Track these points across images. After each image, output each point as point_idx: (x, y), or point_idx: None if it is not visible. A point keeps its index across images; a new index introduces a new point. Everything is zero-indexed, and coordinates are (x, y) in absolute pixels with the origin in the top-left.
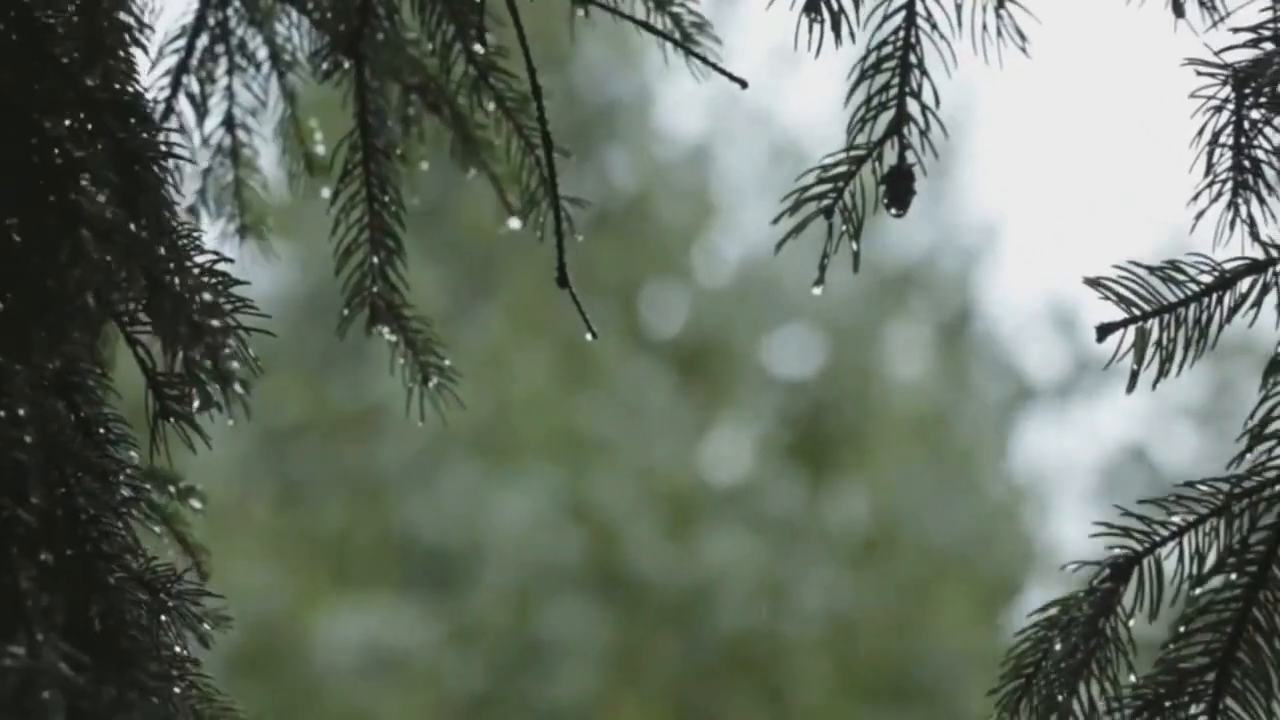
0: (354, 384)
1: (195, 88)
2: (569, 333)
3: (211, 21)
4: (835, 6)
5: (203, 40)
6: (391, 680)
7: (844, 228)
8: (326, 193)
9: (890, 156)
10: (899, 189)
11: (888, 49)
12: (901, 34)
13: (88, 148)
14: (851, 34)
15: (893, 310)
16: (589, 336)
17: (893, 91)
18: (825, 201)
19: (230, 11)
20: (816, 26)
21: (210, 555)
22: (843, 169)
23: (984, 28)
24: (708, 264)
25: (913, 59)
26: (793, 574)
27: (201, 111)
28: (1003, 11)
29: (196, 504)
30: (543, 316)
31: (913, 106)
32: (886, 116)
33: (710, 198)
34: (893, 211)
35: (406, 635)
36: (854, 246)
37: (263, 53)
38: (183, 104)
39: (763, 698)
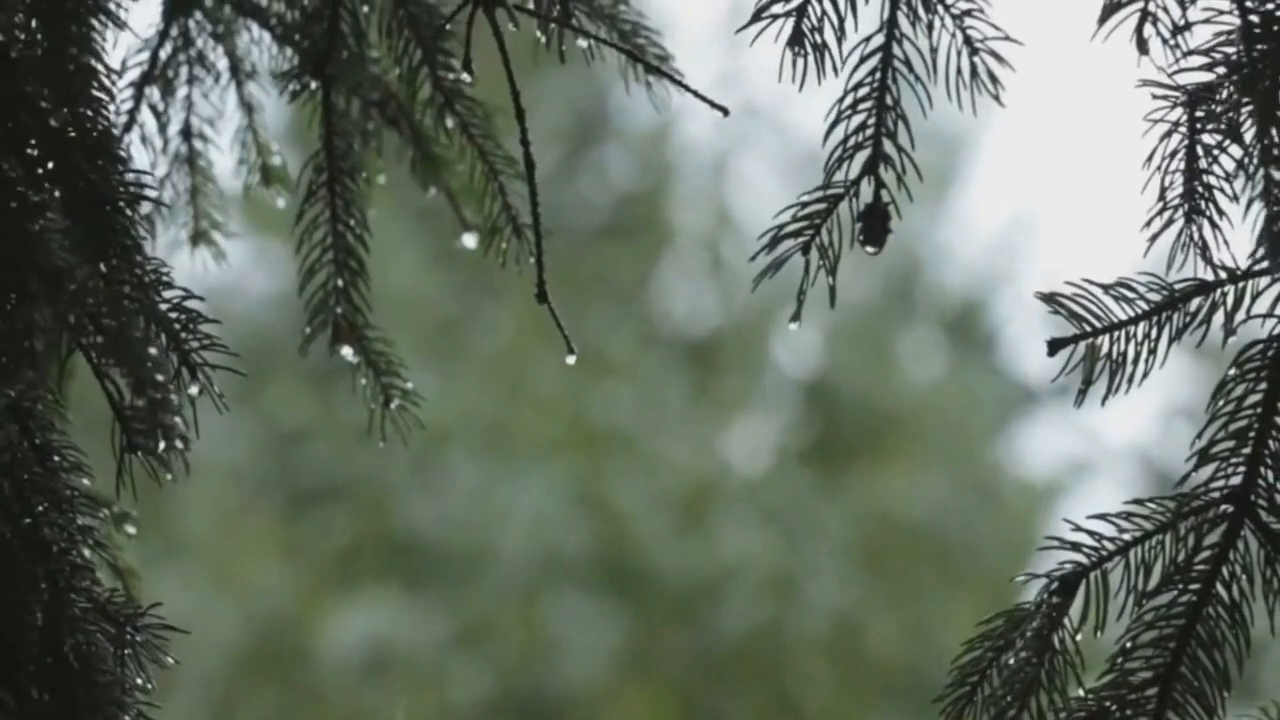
0: (358, 388)
1: (158, 99)
2: (579, 334)
3: (174, 32)
4: (819, 41)
5: (165, 51)
6: (399, 680)
7: (821, 263)
8: (282, 203)
9: (868, 194)
10: (874, 227)
11: (864, 90)
12: (878, 75)
13: (51, 189)
14: (835, 68)
15: (905, 312)
16: (569, 359)
17: (869, 132)
18: (802, 239)
19: (192, 23)
20: (800, 60)
21: (141, 580)
22: (820, 206)
23: (959, 72)
24: (721, 264)
25: (889, 100)
26: (803, 573)
27: (163, 123)
28: (975, 59)
29: (130, 529)
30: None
31: (888, 147)
32: (863, 155)
33: (726, 197)
34: (868, 249)
35: (414, 635)
36: (830, 281)
37: (223, 64)
38: (145, 115)
39: (771, 696)
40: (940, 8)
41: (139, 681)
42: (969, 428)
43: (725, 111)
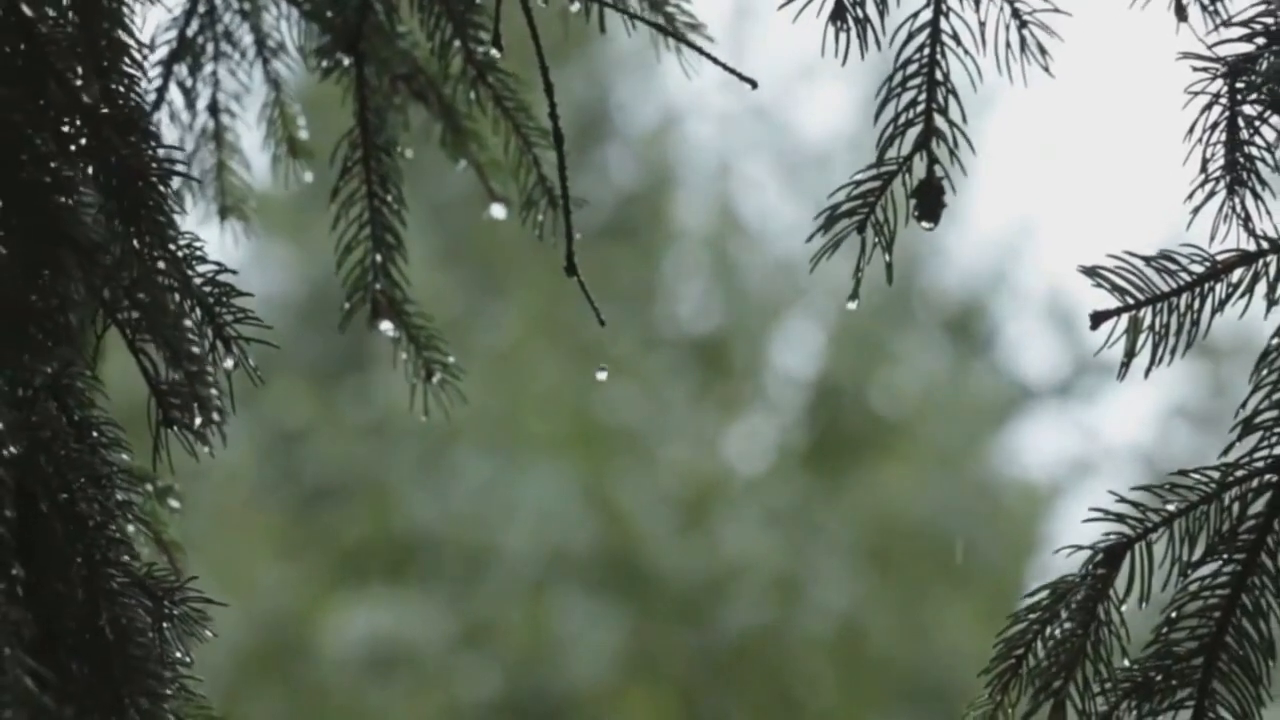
0: (365, 381)
1: (186, 77)
2: (583, 332)
3: (201, 9)
4: (860, 15)
5: (193, 28)
6: (403, 679)
7: (876, 240)
8: (310, 177)
9: (920, 170)
10: (929, 202)
11: (913, 66)
12: (927, 51)
13: (85, 165)
14: (878, 42)
15: (905, 313)
16: (600, 327)
17: (920, 108)
18: (857, 217)
19: (218, 0)
20: (843, 35)
21: (185, 553)
22: (873, 185)
23: (1007, 45)
24: (724, 264)
25: (938, 75)
26: (805, 573)
27: (191, 100)
28: (1025, 32)
29: (174, 503)
30: (558, 315)
31: (939, 122)
32: (914, 132)
33: (729, 198)
34: (924, 225)
35: (418, 633)
36: (886, 259)
37: (248, 39)
38: (173, 93)
39: (774, 696)
40: None
41: (178, 654)
42: (969, 428)
43: (754, 84)
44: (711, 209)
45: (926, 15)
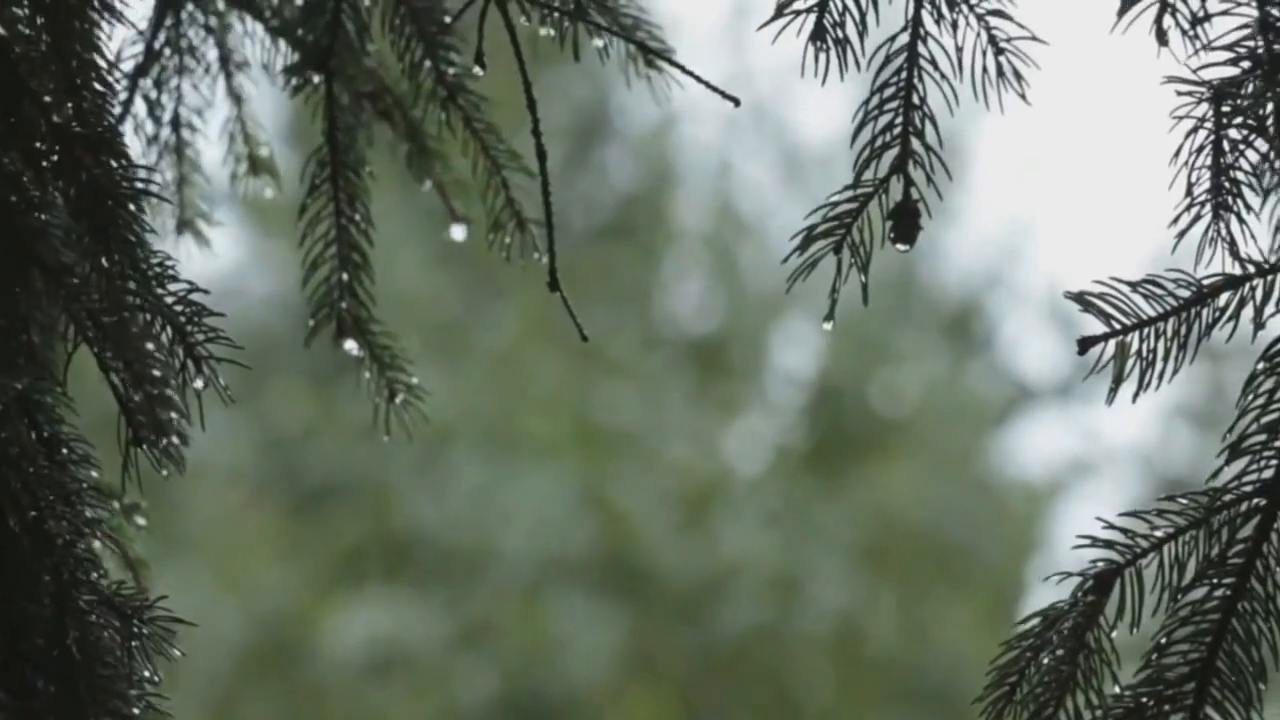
0: (363, 382)
1: (150, 89)
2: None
3: (167, 22)
4: (840, 36)
5: (159, 42)
6: (401, 680)
7: (852, 261)
8: (270, 193)
9: (896, 192)
10: (905, 225)
11: (890, 90)
12: (904, 75)
13: (55, 184)
14: (857, 63)
15: (904, 312)
16: (587, 340)
17: (896, 130)
18: (833, 238)
19: (184, 14)
20: (822, 55)
21: (151, 570)
22: (850, 206)
23: (984, 71)
24: (723, 264)
25: (915, 99)
26: (804, 573)
27: (157, 114)
28: (1002, 59)
29: (141, 520)
30: (556, 317)
31: (916, 145)
32: (891, 154)
33: (728, 197)
34: (900, 247)
35: (417, 634)
36: (862, 279)
37: (212, 54)
38: (138, 105)
39: (772, 696)
40: (964, 6)
41: (145, 674)
42: (969, 428)
43: (737, 102)
44: (711, 209)
45: (904, 39)
